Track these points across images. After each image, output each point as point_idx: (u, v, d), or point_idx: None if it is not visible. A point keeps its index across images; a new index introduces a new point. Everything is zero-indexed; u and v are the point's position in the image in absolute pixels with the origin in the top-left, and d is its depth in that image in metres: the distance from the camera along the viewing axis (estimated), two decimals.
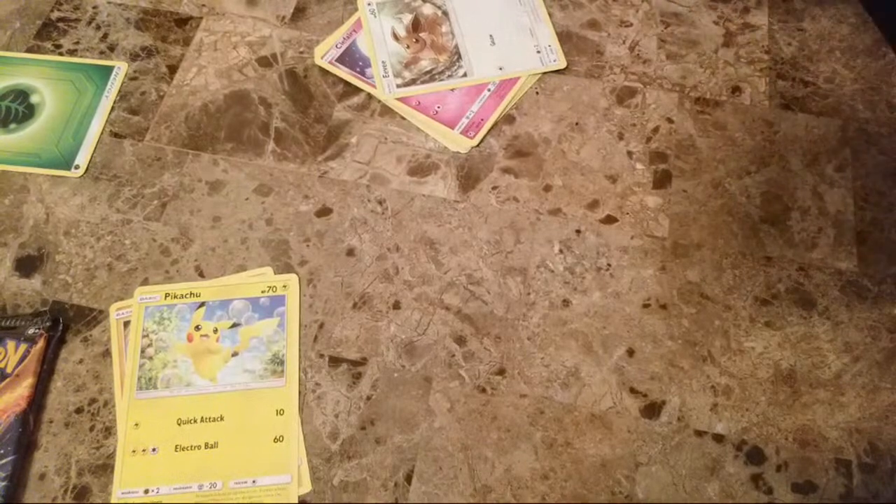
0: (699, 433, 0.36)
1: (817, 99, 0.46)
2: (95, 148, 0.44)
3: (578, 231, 0.42)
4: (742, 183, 0.43)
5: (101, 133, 0.45)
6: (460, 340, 0.39)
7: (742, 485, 0.35)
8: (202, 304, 0.39)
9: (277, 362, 0.38)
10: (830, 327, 0.39)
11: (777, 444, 0.36)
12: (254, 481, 0.35)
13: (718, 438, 0.36)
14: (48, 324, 0.38)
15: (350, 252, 0.41)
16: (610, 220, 0.42)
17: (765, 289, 0.40)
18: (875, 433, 0.36)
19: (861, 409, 0.37)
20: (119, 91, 0.46)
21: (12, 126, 0.45)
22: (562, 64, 0.47)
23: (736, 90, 0.46)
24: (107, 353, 0.38)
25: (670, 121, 0.45)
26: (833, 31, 0.48)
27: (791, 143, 0.44)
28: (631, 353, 0.38)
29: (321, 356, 0.38)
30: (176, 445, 0.36)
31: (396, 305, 0.39)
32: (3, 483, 0.34)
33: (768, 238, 0.41)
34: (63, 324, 0.39)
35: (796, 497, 0.35)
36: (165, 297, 0.39)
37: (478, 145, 0.44)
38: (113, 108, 0.46)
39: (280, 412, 0.37)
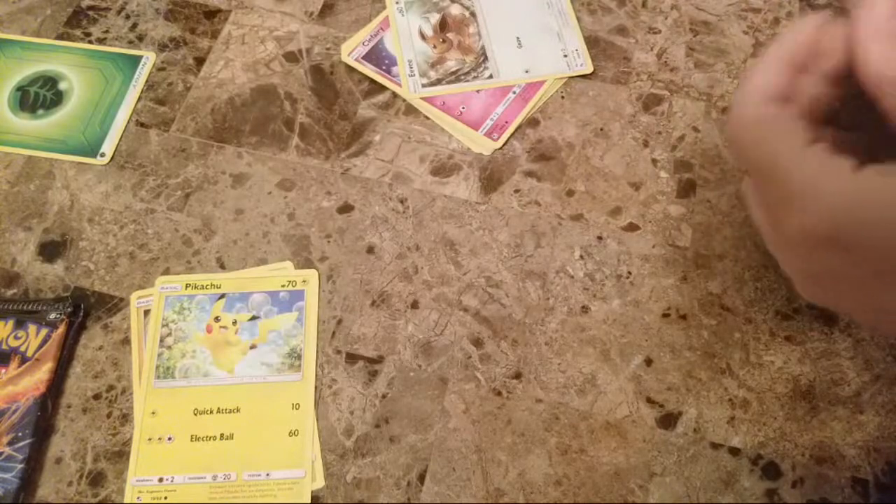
0: (715, 445, 0.36)
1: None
2: (121, 137, 0.45)
3: (600, 237, 0.42)
4: None
5: (128, 122, 0.45)
6: (477, 342, 0.39)
7: (757, 499, 0.35)
8: (222, 296, 0.39)
9: (295, 357, 0.38)
10: (851, 344, 0.38)
11: (793, 460, 0.36)
12: (268, 474, 0.35)
13: (734, 452, 0.36)
14: (69, 309, 0.38)
15: (370, 250, 0.41)
16: (632, 227, 0.42)
17: (786, 303, 0.39)
18: (893, 453, 0.36)
19: (880, 429, 0.36)
20: (146, 81, 0.47)
21: (40, 112, 0.45)
22: (588, 69, 0.46)
23: None
24: (126, 341, 0.39)
25: (696, 130, 0.45)
26: None
27: None
28: (649, 362, 0.38)
29: (338, 352, 0.38)
30: (192, 435, 0.36)
31: (415, 305, 0.40)
32: (20, 466, 0.35)
33: None
34: (84, 310, 0.39)
35: None
36: (186, 287, 0.40)
37: (501, 148, 0.44)
38: (140, 98, 0.46)
39: (296, 406, 0.37)
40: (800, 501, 0.35)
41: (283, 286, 0.40)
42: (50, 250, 0.41)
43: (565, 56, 0.47)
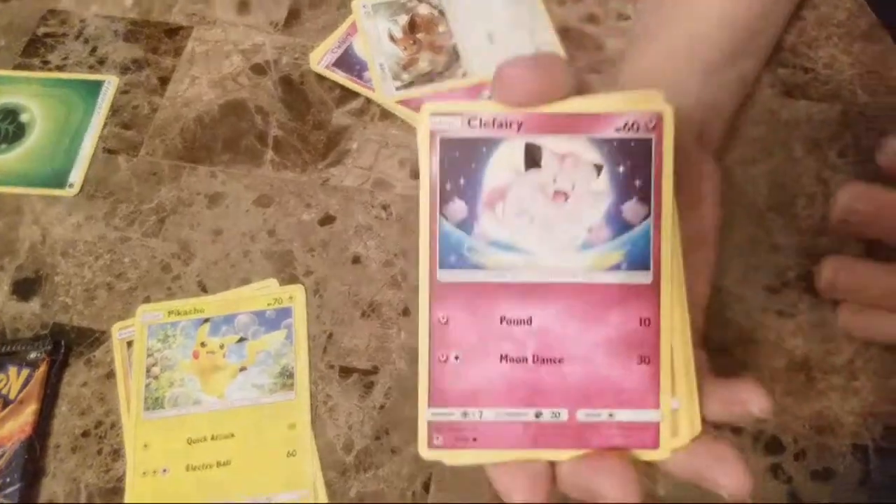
0: (716, 425, 0.36)
1: (818, 85, 0.46)
2: (89, 165, 0.43)
3: None
4: (747, 172, 0.43)
5: (95, 149, 0.44)
6: None
7: (761, 475, 0.35)
8: (207, 320, 0.38)
9: (287, 375, 0.37)
10: None
11: (794, 433, 0.36)
12: (268, 498, 0.35)
13: (736, 430, 0.36)
14: (49, 347, 0.37)
15: (356, 260, 0.41)
16: None
17: (775, 278, 0.40)
18: (889, 416, 0.36)
19: (875, 393, 0.37)
20: (111, 106, 0.45)
21: (3, 147, 0.44)
22: None
23: None
24: (111, 375, 0.37)
25: None
26: (830, 17, 0.48)
27: (794, 129, 0.44)
28: None
29: (331, 367, 0.38)
30: (187, 465, 0.35)
31: (405, 312, 0.39)
32: None
33: (776, 226, 0.41)
34: (65, 346, 0.38)
35: (816, 485, 0.35)
36: (168, 314, 0.39)
37: None
38: (105, 124, 0.45)
39: (292, 426, 0.36)
40: (804, 474, 0.35)
41: (268, 305, 0.39)
42: (24, 288, 0.40)
43: (537, 49, 0.46)
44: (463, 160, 0.19)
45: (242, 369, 0.37)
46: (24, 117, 0.45)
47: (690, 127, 0.22)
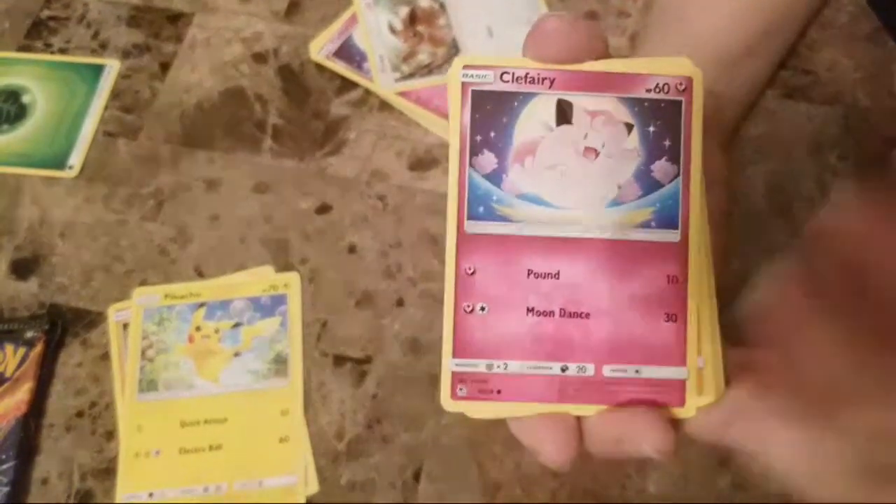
0: None
1: (819, 88, 0.46)
2: (89, 148, 0.44)
3: None
4: (746, 173, 0.43)
5: (95, 132, 0.44)
6: None
7: (752, 476, 0.35)
8: (202, 305, 0.39)
9: (280, 362, 0.37)
10: None
11: None
12: (259, 483, 0.35)
13: None
14: (46, 327, 0.37)
15: (351, 249, 0.41)
16: None
17: None
18: None
19: None
20: (112, 90, 0.45)
21: (4, 127, 0.44)
22: None
23: None
24: (106, 356, 0.38)
25: None
26: (832, 19, 0.48)
27: (794, 132, 0.44)
28: None
29: (325, 355, 0.38)
30: (179, 448, 0.36)
31: (400, 302, 0.39)
32: (6, 489, 0.34)
33: (774, 228, 0.41)
34: (61, 327, 0.38)
35: None
36: (165, 297, 0.39)
37: None
38: (106, 107, 0.45)
39: (284, 412, 0.36)
40: None
41: (264, 291, 0.39)
42: (22, 268, 0.40)
43: None
44: (494, 113, 0.20)
45: (237, 354, 0.38)
46: (25, 99, 0.45)
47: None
